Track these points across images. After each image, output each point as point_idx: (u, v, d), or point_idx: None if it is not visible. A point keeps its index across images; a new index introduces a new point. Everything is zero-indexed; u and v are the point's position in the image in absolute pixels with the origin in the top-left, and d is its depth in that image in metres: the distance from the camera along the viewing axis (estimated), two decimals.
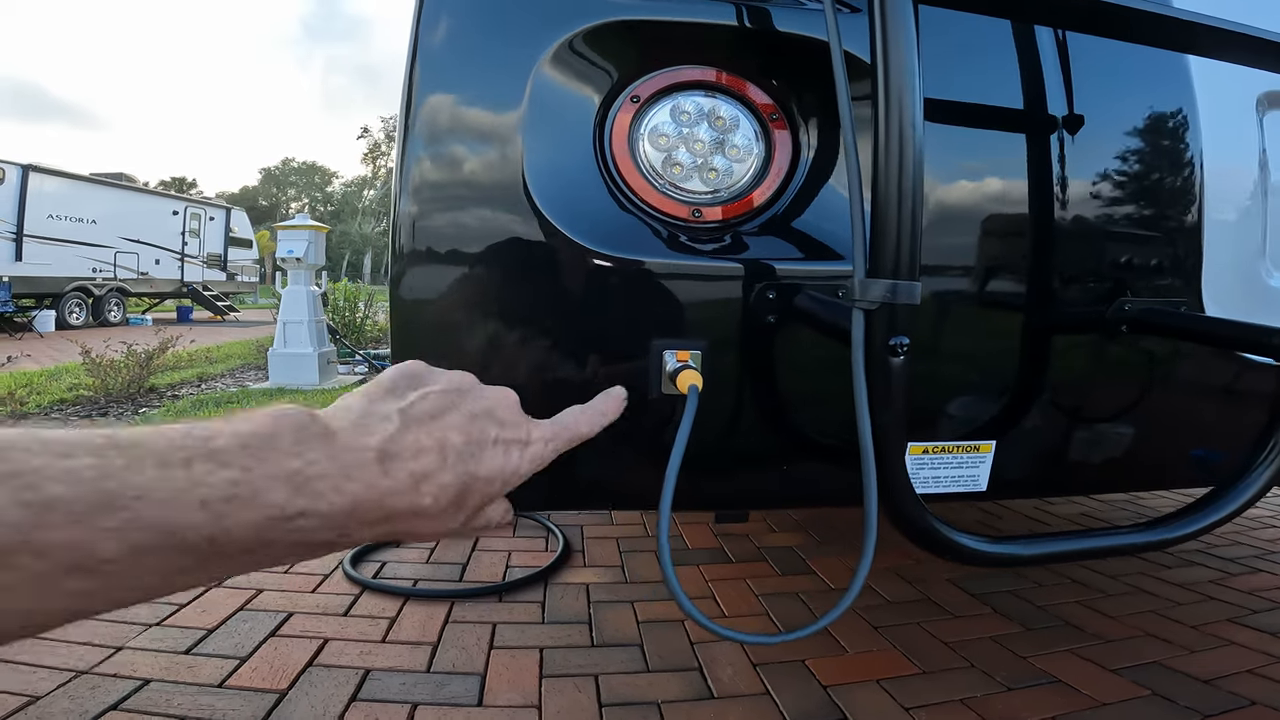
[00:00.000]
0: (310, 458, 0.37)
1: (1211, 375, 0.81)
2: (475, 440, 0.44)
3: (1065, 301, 0.74)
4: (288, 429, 0.37)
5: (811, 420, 0.71)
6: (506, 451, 0.46)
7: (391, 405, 0.43)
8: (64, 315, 11.49)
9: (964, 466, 0.73)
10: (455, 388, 0.46)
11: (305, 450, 0.37)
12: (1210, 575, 1.70)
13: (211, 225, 15.84)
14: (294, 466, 0.36)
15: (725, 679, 1.18)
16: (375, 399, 0.43)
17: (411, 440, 0.41)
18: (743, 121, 0.68)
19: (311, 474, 0.36)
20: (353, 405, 0.42)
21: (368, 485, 0.38)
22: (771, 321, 0.65)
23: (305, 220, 5.16)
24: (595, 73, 0.67)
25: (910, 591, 1.56)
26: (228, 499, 0.33)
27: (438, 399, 0.45)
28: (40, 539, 0.28)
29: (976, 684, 1.18)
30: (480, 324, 0.65)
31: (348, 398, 0.44)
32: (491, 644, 1.28)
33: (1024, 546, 0.61)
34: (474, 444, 0.44)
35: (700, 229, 0.67)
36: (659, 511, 0.50)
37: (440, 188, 0.65)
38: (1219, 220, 0.78)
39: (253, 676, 1.14)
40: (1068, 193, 0.73)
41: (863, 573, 0.50)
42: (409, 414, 0.42)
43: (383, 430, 0.40)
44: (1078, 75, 0.72)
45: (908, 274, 0.49)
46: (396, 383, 0.45)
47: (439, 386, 0.46)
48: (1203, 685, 1.18)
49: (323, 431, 0.38)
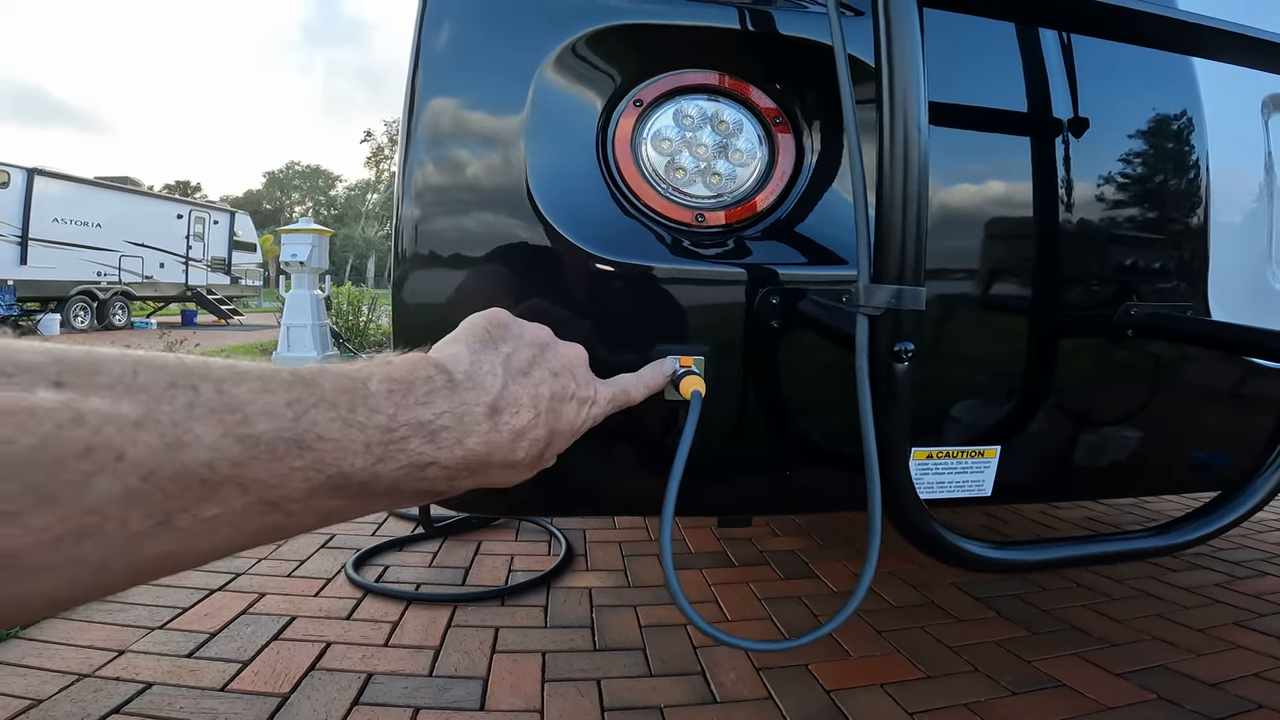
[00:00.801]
0: (438, 408, 0.38)
1: (1218, 380, 0.81)
2: (558, 396, 0.46)
3: (1070, 306, 0.74)
4: (420, 379, 0.38)
5: (815, 425, 0.70)
6: (579, 408, 0.48)
7: (494, 357, 0.43)
8: (69, 319, 11.52)
9: (969, 472, 0.73)
10: (540, 341, 0.48)
11: (434, 401, 0.38)
12: (1217, 579, 1.69)
13: (216, 229, 15.89)
14: (426, 417, 0.37)
15: (728, 683, 1.18)
16: (477, 350, 0.44)
17: (513, 395, 0.42)
18: (746, 125, 0.68)
19: (438, 426, 0.37)
20: (460, 354, 0.43)
21: (480, 439, 0.40)
22: (775, 327, 0.65)
23: (309, 224, 5.18)
24: (598, 77, 0.66)
25: (914, 596, 1.55)
26: (384, 444, 0.34)
27: (528, 353, 0.46)
28: (247, 474, 0.29)
29: (981, 688, 1.17)
30: None
31: (453, 345, 0.44)
32: (494, 648, 1.27)
33: (1029, 552, 0.60)
34: (557, 399, 0.45)
35: (703, 234, 0.67)
36: (661, 517, 0.50)
37: (443, 191, 0.65)
38: (1225, 224, 0.77)
39: (255, 680, 1.14)
40: (1073, 196, 0.72)
41: (867, 578, 0.50)
42: (509, 368, 0.43)
43: (490, 385, 0.41)
44: (1082, 78, 0.72)
45: (912, 279, 0.49)
46: (491, 330, 0.46)
47: (527, 338, 0.47)
48: (1209, 689, 1.17)
49: (446, 383, 0.39)
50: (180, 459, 0.26)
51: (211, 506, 0.28)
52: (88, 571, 0.25)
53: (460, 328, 0.47)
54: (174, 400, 0.27)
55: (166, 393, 0.27)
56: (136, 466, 0.25)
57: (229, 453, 0.28)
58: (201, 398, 0.28)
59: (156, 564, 0.27)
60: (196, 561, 0.30)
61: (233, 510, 0.29)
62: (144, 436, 0.25)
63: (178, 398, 0.27)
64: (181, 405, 0.27)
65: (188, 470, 0.27)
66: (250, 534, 0.30)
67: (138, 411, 0.26)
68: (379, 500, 0.36)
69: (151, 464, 0.25)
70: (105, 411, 0.25)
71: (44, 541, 0.23)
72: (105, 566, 0.25)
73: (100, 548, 0.25)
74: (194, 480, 0.27)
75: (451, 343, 0.45)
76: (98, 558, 0.25)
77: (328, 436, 0.32)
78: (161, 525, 0.26)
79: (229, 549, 0.30)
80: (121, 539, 0.25)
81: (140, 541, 0.26)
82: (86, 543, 0.24)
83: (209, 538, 0.28)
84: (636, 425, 0.64)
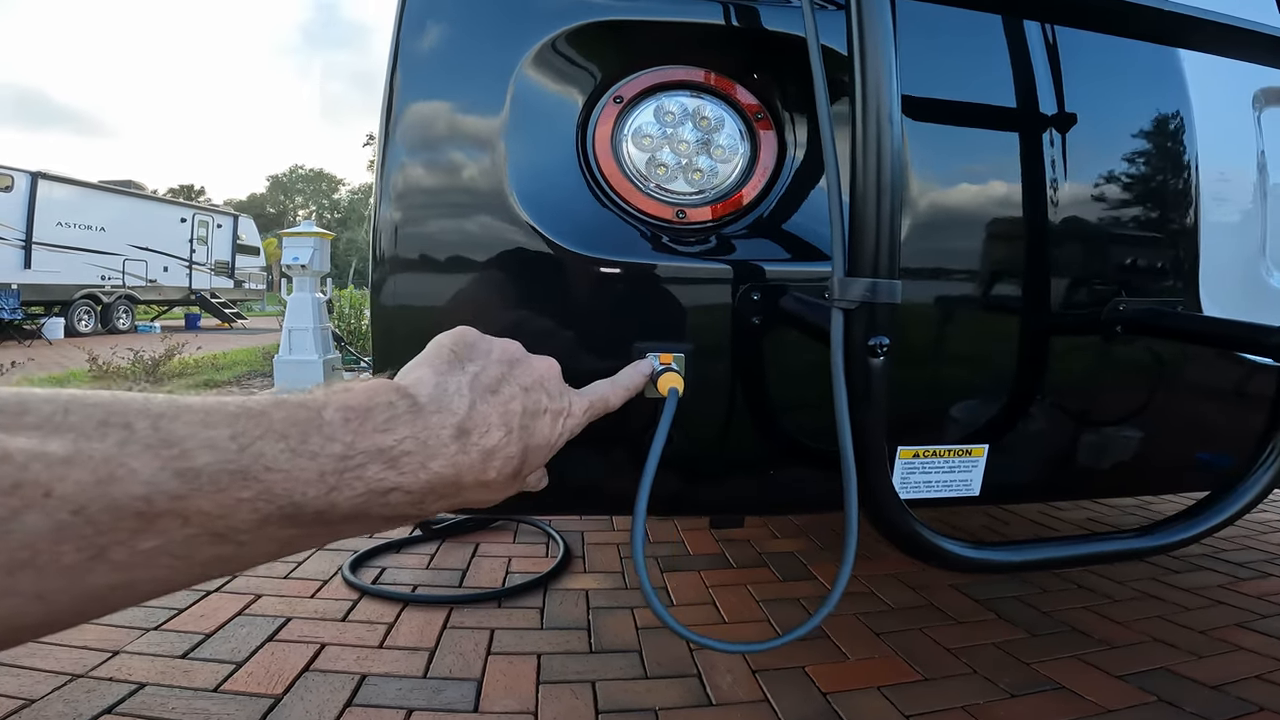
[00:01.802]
0: (399, 434, 0.38)
1: (1209, 377, 0.80)
2: (530, 411, 0.45)
3: (1058, 303, 0.73)
4: (380, 405, 0.38)
5: (797, 424, 0.70)
6: (554, 421, 0.48)
7: (460, 378, 0.43)
8: (73, 323, 11.58)
9: (956, 471, 0.72)
10: (509, 358, 0.47)
11: (395, 427, 0.38)
12: (1219, 580, 1.68)
13: (219, 233, 15.97)
14: (386, 443, 0.37)
15: (724, 686, 1.17)
16: (442, 371, 0.44)
17: (481, 415, 0.42)
18: (727, 121, 0.67)
19: (400, 451, 0.37)
20: (425, 378, 0.43)
21: (446, 462, 0.39)
22: (756, 323, 0.65)
23: (311, 227, 5.18)
24: (578, 74, 0.66)
25: (912, 597, 1.54)
26: (338, 472, 0.35)
27: (496, 370, 0.45)
28: (188, 506, 0.29)
29: (979, 690, 1.16)
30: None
31: (418, 369, 0.44)
32: (489, 650, 1.27)
33: (1009, 552, 0.60)
34: (529, 415, 0.45)
35: (685, 230, 0.66)
36: (633, 515, 0.50)
37: (422, 193, 0.64)
38: (1216, 218, 0.76)
39: (248, 681, 1.14)
40: (1059, 192, 0.72)
41: (842, 580, 0.49)
42: (476, 387, 0.43)
43: (457, 407, 0.41)
44: (1068, 74, 0.71)
45: (887, 272, 0.48)
46: (456, 350, 0.46)
47: (495, 356, 0.47)
48: (1210, 691, 1.16)
49: (409, 408, 0.39)
50: (111, 493, 0.27)
51: (149, 539, 0.28)
52: (29, 603, 0.26)
53: (426, 349, 0.47)
54: (106, 437, 0.28)
55: (98, 430, 0.28)
56: (65, 501, 0.26)
57: (166, 486, 0.28)
58: (136, 434, 0.29)
59: (104, 595, 0.28)
60: (151, 593, 0.30)
61: (173, 541, 0.29)
62: (73, 473, 0.26)
63: (109, 435, 0.28)
64: (114, 442, 0.28)
65: (119, 504, 0.27)
66: (199, 564, 0.31)
67: (66, 449, 0.26)
68: (341, 527, 0.36)
69: (81, 499, 0.26)
70: (31, 450, 0.25)
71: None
72: (46, 598, 0.26)
73: (35, 580, 0.25)
74: (128, 513, 0.27)
75: (417, 366, 0.45)
76: (34, 589, 0.25)
77: (276, 467, 0.32)
78: (95, 558, 0.27)
79: (182, 581, 0.31)
80: (56, 571, 0.26)
81: (78, 574, 0.27)
82: (20, 575, 0.25)
83: (153, 569, 0.29)
84: (629, 424, 0.63)
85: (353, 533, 0.38)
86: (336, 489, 0.34)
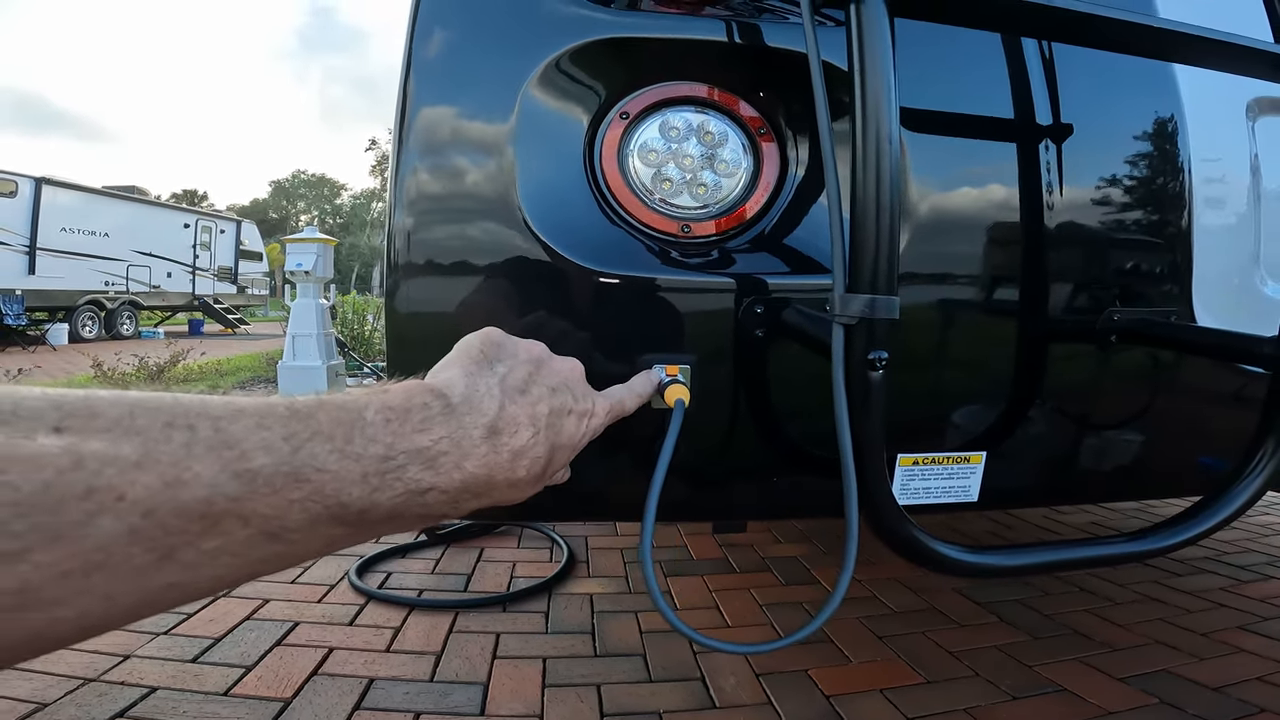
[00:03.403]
0: (435, 434, 0.39)
1: (1204, 382, 0.81)
2: (557, 411, 0.46)
3: (1054, 312, 0.74)
4: (416, 405, 0.39)
5: (799, 432, 0.71)
6: (579, 422, 0.49)
7: (490, 379, 0.44)
8: (76, 328, 11.60)
9: (954, 477, 0.73)
10: (536, 358, 0.49)
11: (431, 427, 0.39)
12: (1221, 583, 1.68)
13: (222, 238, 16.00)
14: (424, 443, 0.38)
15: (727, 689, 1.18)
16: (472, 372, 0.44)
17: (510, 415, 0.43)
18: (731, 136, 0.69)
19: (436, 452, 0.38)
20: (455, 378, 0.44)
21: (479, 462, 0.40)
22: (759, 335, 0.66)
23: (314, 233, 5.20)
24: (584, 90, 0.68)
25: (915, 601, 1.55)
26: (380, 473, 0.35)
27: (524, 370, 0.46)
28: (247, 508, 0.30)
29: (981, 693, 1.17)
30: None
31: (448, 369, 0.45)
32: (495, 654, 1.28)
33: (1005, 556, 0.61)
34: (556, 415, 0.46)
35: (689, 244, 0.68)
36: (643, 523, 0.51)
37: (435, 200, 0.66)
38: (1210, 228, 0.77)
39: (257, 685, 1.15)
40: (1054, 202, 0.73)
41: (843, 584, 0.51)
42: (505, 388, 0.44)
43: (487, 407, 0.42)
44: (1064, 85, 0.73)
45: (885, 288, 0.50)
46: (485, 351, 0.47)
47: (522, 356, 0.48)
48: (1212, 693, 1.17)
49: (443, 409, 0.40)
50: (179, 496, 0.28)
51: (213, 539, 0.29)
52: (98, 602, 0.27)
53: (455, 349, 0.47)
54: (171, 440, 0.28)
55: (164, 433, 0.28)
56: (137, 505, 0.27)
57: (227, 488, 0.29)
58: (199, 436, 0.29)
59: (164, 594, 0.29)
60: (206, 591, 0.31)
61: (234, 541, 0.30)
62: (143, 477, 0.27)
63: (175, 437, 0.29)
64: (179, 444, 0.28)
65: (187, 507, 0.28)
66: (254, 562, 0.32)
67: (136, 453, 0.27)
68: (381, 526, 0.37)
69: (152, 502, 0.27)
70: (104, 454, 0.26)
71: (53, 576, 0.25)
72: (114, 598, 0.27)
73: (107, 581, 0.26)
74: (194, 515, 0.28)
75: (447, 366, 0.45)
76: (105, 590, 0.26)
77: (325, 468, 0.33)
78: (165, 559, 0.28)
79: (236, 578, 0.32)
80: (127, 572, 0.27)
81: (146, 574, 0.28)
82: (94, 576, 0.26)
83: (213, 568, 0.30)
84: (635, 433, 0.64)
85: (390, 531, 0.39)
86: (379, 489, 0.35)
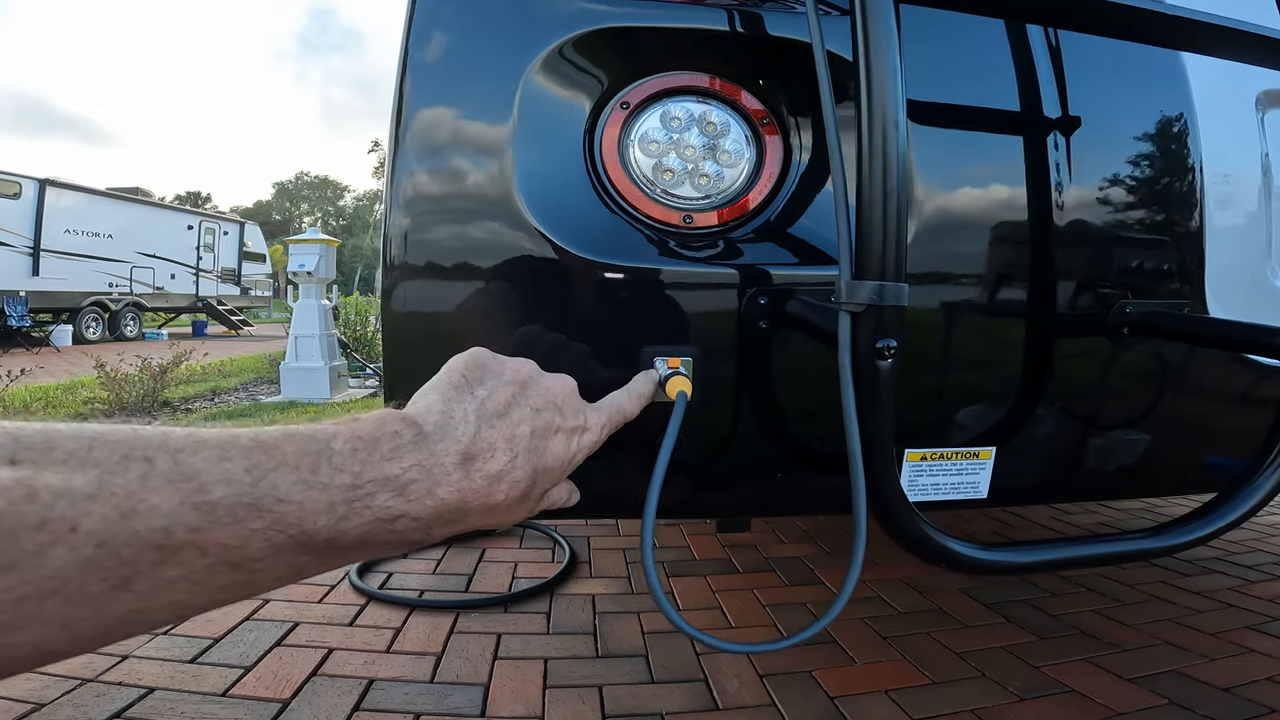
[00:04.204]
0: (405, 462, 0.39)
1: (1215, 379, 0.79)
2: (540, 432, 0.46)
3: (1064, 305, 0.73)
4: (387, 434, 0.39)
5: (805, 426, 0.70)
6: (568, 440, 0.48)
7: (468, 404, 0.44)
8: (80, 330, 11.64)
9: (964, 473, 0.72)
10: (520, 379, 0.48)
11: (401, 455, 0.39)
12: (1230, 583, 1.67)
13: (225, 240, 16.05)
14: (393, 472, 0.38)
15: (731, 690, 1.17)
16: (450, 398, 0.44)
17: (486, 440, 0.43)
18: (733, 126, 0.68)
19: (406, 480, 0.38)
20: (433, 405, 0.43)
21: (451, 489, 0.40)
22: (764, 326, 0.65)
23: (316, 234, 5.21)
24: (584, 80, 0.67)
25: (921, 602, 1.54)
26: (347, 502, 0.35)
27: (506, 392, 0.46)
28: (206, 538, 0.30)
29: (988, 694, 1.16)
30: (474, 335, 0.65)
31: (427, 395, 0.45)
32: (496, 655, 1.27)
33: (1016, 553, 0.59)
34: (539, 436, 0.46)
35: (692, 234, 0.67)
36: (643, 518, 0.50)
37: (432, 199, 0.65)
38: (1221, 219, 0.76)
39: (256, 686, 1.14)
40: (1064, 195, 0.72)
41: (851, 580, 0.49)
42: (482, 413, 0.44)
43: (461, 434, 0.42)
44: (1071, 77, 0.71)
45: (894, 275, 0.49)
46: (467, 375, 0.46)
47: (506, 377, 0.47)
48: (1222, 693, 1.15)
49: (414, 437, 0.40)
50: (134, 528, 0.28)
51: (170, 569, 0.29)
52: (55, 630, 0.27)
53: (439, 373, 0.47)
54: (127, 472, 0.29)
55: (120, 465, 0.29)
56: (91, 536, 0.27)
57: (186, 519, 0.29)
58: (156, 469, 0.29)
59: (123, 620, 0.29)
60: (167, 619, 0.31)
61: (193, 571, 0.30)
62: (97, 508, 0.27)
63: (131, 469, 0.29)
64: (135, 476, 0.29)
65: (142, 538, 0.28)
66: (216, 590, 0.32)
67: (90, 485, 0.27)
68: (352, 553, 0.37)
69: (106, 533, 0.27)
70: (57, 487, 0.26)
71: (8, 603, 0.25)
72: (70, 625, 0.27)
73: (63, 608, 0.26)
74: (149, 546, 0.28)
75: (426, 393, 0.45)
76: (61, 617, 0.26)
77: (288, 499, 0.33)
78: (120, 588, 0.28)
79: (200, 605, 0.32)
80: (82, 600, 0.27)
81: (102, 602, 0.28)
82: (49, 603, 0.26)
83: (172, 595, 0.30)
84: (639, 428, 0.63)
85: (362, 557, 0.39)
86: (346, 518, 0.35)
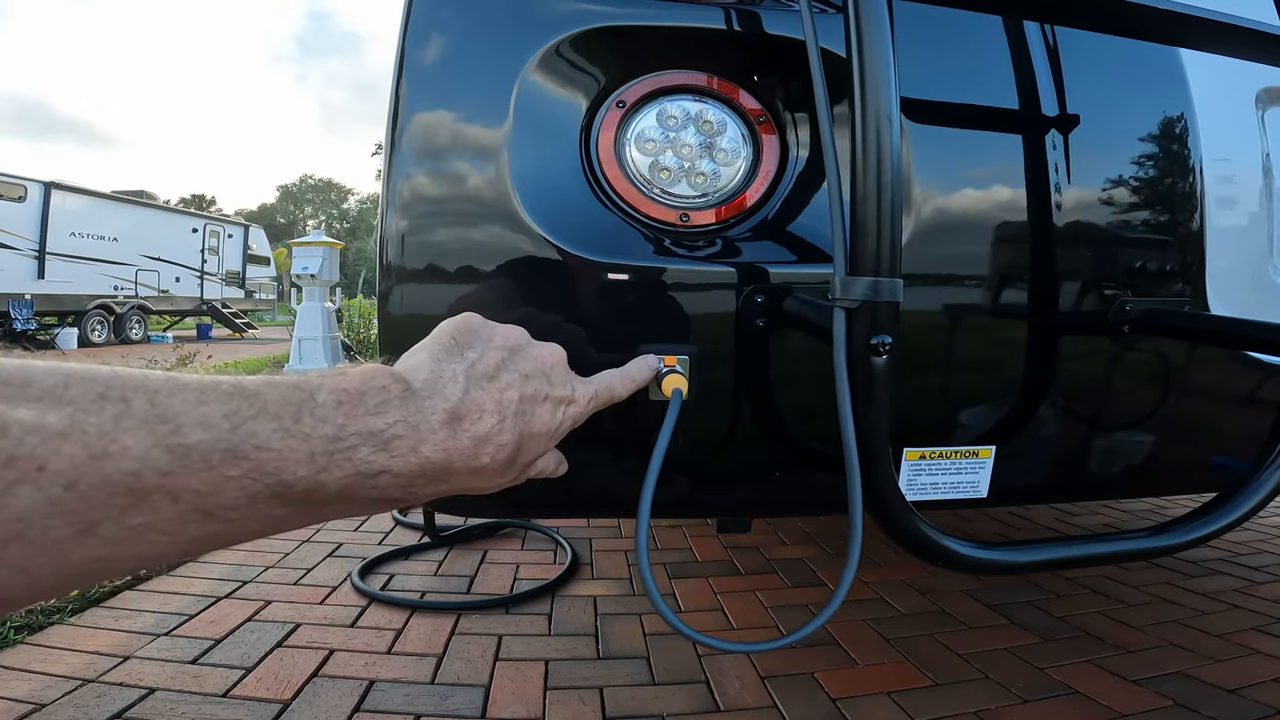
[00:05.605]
0: (391, 418, 0.38)
1: (1218, 377, 0.79)
2: (528, 398, 0.46)
3: (1064, 305, 0.73)
4: (374, 389, 0.39)
5: (803, 425, 0.70)
6: (555, 409, 0.48)
7: (457, 365, 0.44)
8: (86, 333, 11.67)
9: (964, 472, 0.72)
10: (510, 345, 0.48)
11: (386, 411, 0.38)
12: (1235, 584, 1.66)
13: (230, 243, 16.10)
14: (377, 426, 0.38)
15: (732, 692, 1.16)
16: (440, 357, 0.44)
17: (475, 401, 0.42)
18: (730, 125, 0.67)
19: (390, 435, 0.38)
20: (422, 364, 0.43)
21: (436, 448, 0.40)
22: (761, 324, 0.65)
23: (320, 237, 5.23)
24: (580, 79, 0.67)
25: (923, 603, 1.53)
26: (328, 453, 0.35)
27: (495, 356, 0.46)
28: (178, 483, 0.29)
29: (991, 696, 1.15)
30: None
31: (416, 354, 0.45)
32: (497, 656, 1.27)
33: (1016, 553, 0.59)
34: (527, 402, 0.45)
35: (688, 233, 0.67)
36: (638, 516, 0.49)
37: (428, 200, 0.65)
38: (1221, 218, 0.76)
39: (257, 686, 1.14)
40: (1063, 193, 0.72)
41: (847, 577, 0.49)
42: (472, 374, 0.43)
43: (450, 393, 0.42)
44: (1069, 75, 0.71)
45: (889, 271, 0.48)
46: (457, 338, 0.46)
47: (496, 342, 0.47)
48: (1227, 694, 1.15)
49: (402, 393, 0.40)
50: (104, 469, 0.27)
51: (138, 515, 0.28)
52: (14, 575, 0.26)
53: (430, 335, 0.47)
54: (102, 412, 0.28)
55: (95, 404, 0.28)
56: (58, 477, 0.26)
57: (158, 463, 0.28)
58: (133, 409, 0.29)
59: (86, 569, 0.28)
60: (130, 568, 0.30)
61: (163, 518, 0.29)
62: (67, 447, 0.26)
63: (106, 409, 0.28)
64: (109, 416, 0.28)
65: (113, 480, 0.27)
66: (186, 541, 0.31)
67: (63, 423, 0.26)
68: (329, 507, 0.37)
69: (74, 474, 0.26)
70: (30, 423, 0.25)
71: None
72: (30, 571, 0.26)
73: (23, 553, 0.25)
74: (119, 489, 0.27)
75: (416, 352, 0.45)
76: (21, 562, 0.26)
77: (267, 446, 0.32)
78: (85, 533, 0.27)
79: (166, 555, 0.31)
80: (44, 545, 0.26)
81: (65, 548, 0.27)
82: (11, 548, 0.25)
83: (138, 545, 0.29)
84: (636, 426, 0.63)
85: (340, 514, 0.38)
86: (326, 469, 0.35)
